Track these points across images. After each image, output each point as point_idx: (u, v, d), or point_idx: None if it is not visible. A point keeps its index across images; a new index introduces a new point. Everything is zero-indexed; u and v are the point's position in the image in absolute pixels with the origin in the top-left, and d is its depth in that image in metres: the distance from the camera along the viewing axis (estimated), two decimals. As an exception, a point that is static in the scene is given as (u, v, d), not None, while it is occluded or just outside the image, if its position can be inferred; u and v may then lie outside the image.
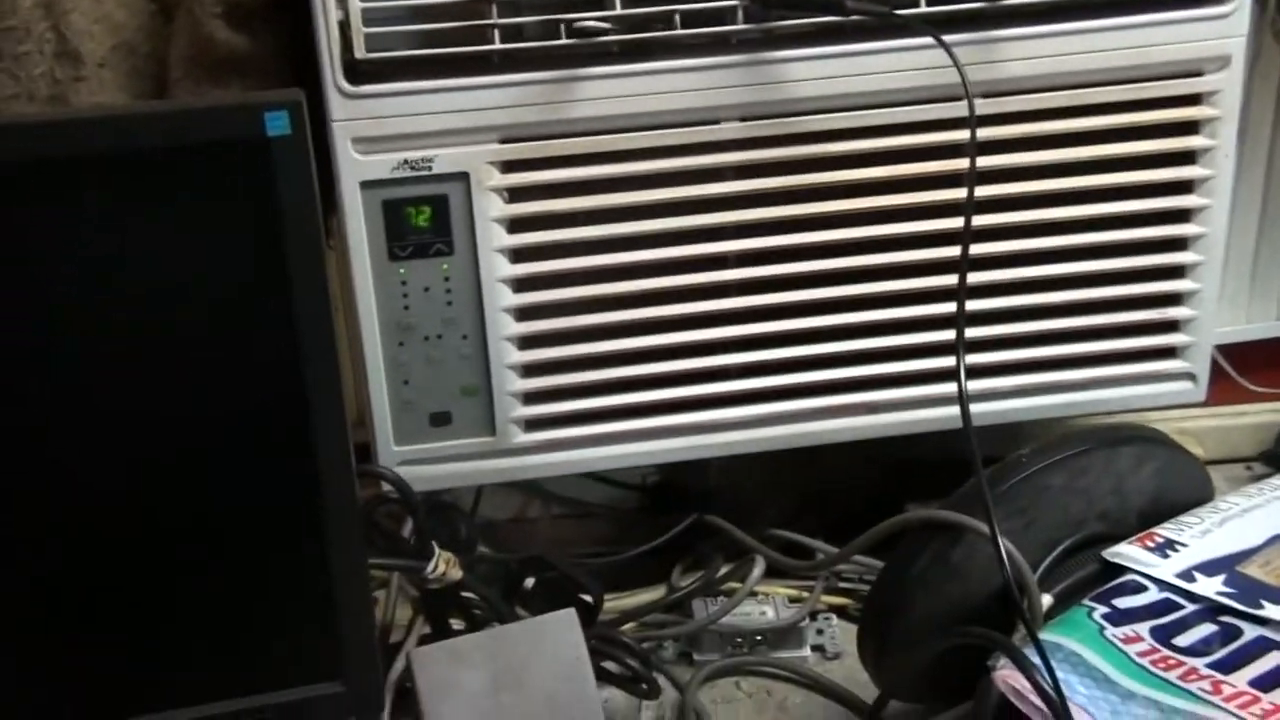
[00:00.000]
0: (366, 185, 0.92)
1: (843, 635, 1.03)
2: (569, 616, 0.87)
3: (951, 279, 0.96)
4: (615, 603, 1.05)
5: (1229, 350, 1.20)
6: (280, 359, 0.78)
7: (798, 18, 0.92)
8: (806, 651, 1.02)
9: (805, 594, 1.06)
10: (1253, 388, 1.20)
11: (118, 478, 0.78)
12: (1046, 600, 0.85)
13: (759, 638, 1.02)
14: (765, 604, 1.05)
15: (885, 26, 0.92)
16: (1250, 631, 0.79)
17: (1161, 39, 0.94)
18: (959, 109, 0.91)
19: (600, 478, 1.17)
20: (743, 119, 0.94)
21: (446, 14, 0.90)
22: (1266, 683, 0.74)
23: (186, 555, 0.80)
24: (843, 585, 1.09)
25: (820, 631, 1.04)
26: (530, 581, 0.99)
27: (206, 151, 0.74)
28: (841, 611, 1.06)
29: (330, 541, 0.81)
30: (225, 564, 0.81)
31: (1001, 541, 0.81)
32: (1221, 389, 1.20)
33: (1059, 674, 0.75)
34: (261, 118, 0.73)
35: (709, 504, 1.13)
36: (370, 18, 0.88)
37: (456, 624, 0.97)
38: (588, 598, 0.98)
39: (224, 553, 0.80)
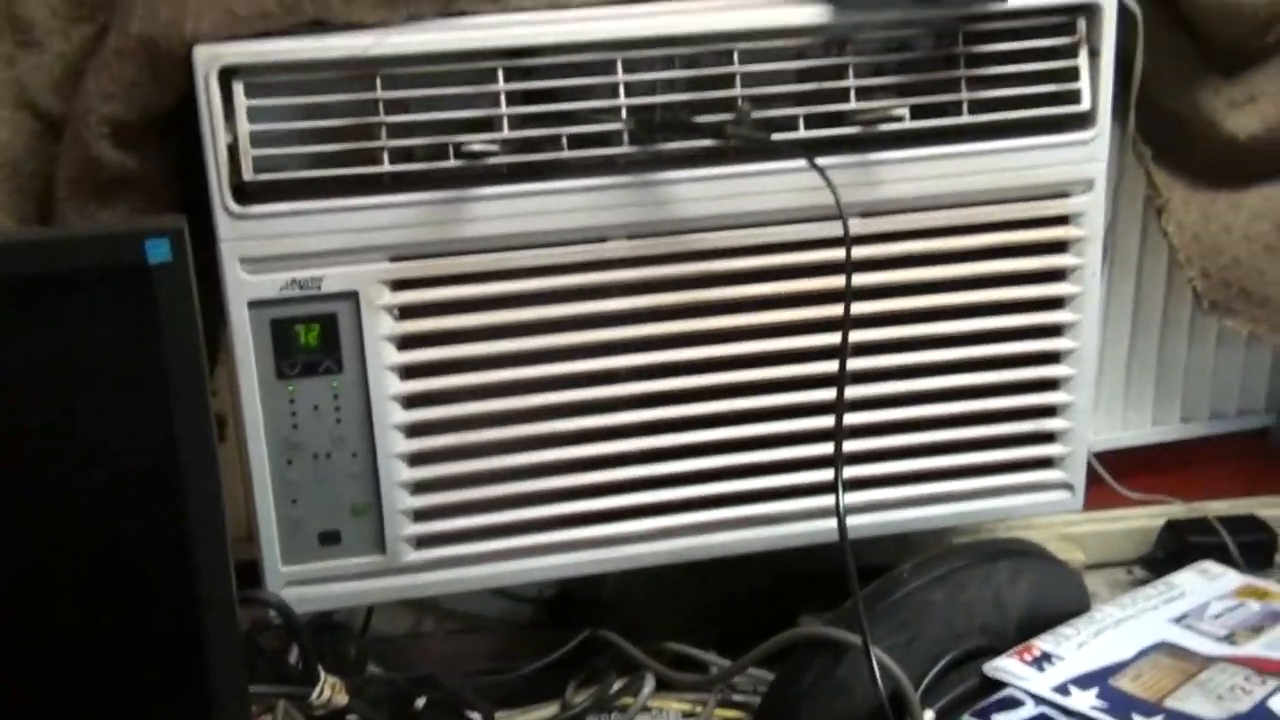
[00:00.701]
0: (254, 304, 0.92)
1: (734, 749, 1.03)
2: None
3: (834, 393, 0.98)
4: (508, 721, 1.04)
5: (1106, 457, 1.23)
6: (161, 485, 0.78)
7: (680, 141, 0.94)
8: (699, 765, 1.02)
9: (699, 708, 1.06)
10: (1129, 494, 1.24)
11: (-10, 604, 0.76)
12: (929, 715, 0.86)
13: (652, 753, 1.02)
14: (659, 719, 1.04)
15: (765, 150, 0.94)
16: (1123, 744, 0.81)
17: (1029, 163, 0.99)
18: (838, 228, 0.93)
19: (496, 591, 1.17)
20: (630, 237, 0.96)
21: (336, 136, 0.91)
22: (1139, 795, 0.76)
23: (61, 683, 0.78)
24: (736, 699, 1.08)
25: (713, 745, 1.04)
26: (421, 702, 0.98)
27: (88, 278, 0.74)
28: (733, 724, 1.06)
29: (211, 668, 0.80)
30: (103, 693, 0.79)
31: (880, 658, 0.82)
32: (1100, 495, 1.23)
33: (940, 788, 0.76)
34: (143, 245, 0.73)
35: (605, 618, 1.13)
36: (259, 140, 0.89)
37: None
38: (478, 717, 0.97)
39: (102, 680, 0.79)
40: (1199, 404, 1.29)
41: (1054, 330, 1.04)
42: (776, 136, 0.94)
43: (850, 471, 1.02)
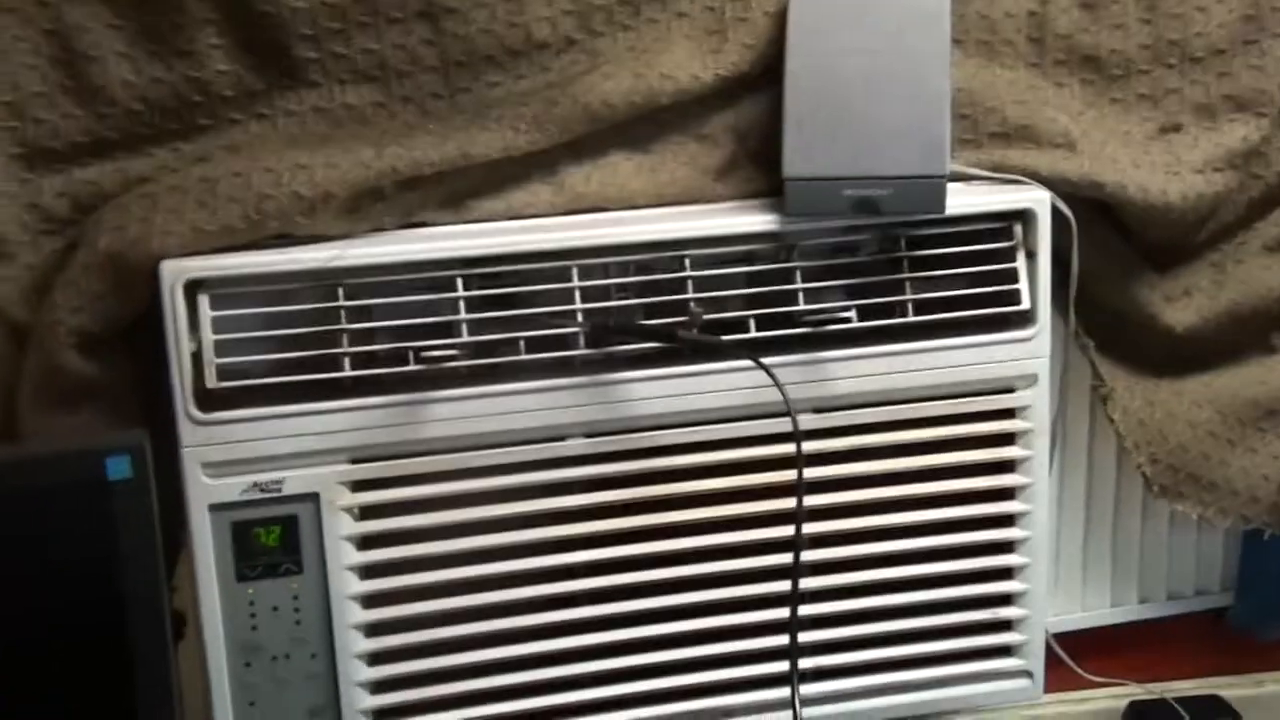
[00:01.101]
0: (216, 508, 0.93)
1: None
2: None
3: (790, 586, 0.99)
4: None
5: (1066, 639, 1.24)
6: (116, 692, 0.78)
7: (634, 343, 0.97)
8: None
9: None
10: (1089, 676, 1.24)
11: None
12: None
13: None
14: None
15: (715, 351, 0.97)
16: None
17: (973, 359, 1.02)
18: (788, 424, 0.96)
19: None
20: (587, 435, 0.98)
21: (299, 343, 0.93)
22: None
23: None
24: None
25: None
26: None
27: (49, 495, 0.76)
28: None
29: None
30: None
31: None
32: (1062, 676, 1.23)
33: None
34: (103, 462, 0.75)
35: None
36: (223, 348, 0.91)
37: None
38: None
39: None
40: (1156, 585, 1.30)
41: (1006, 520, 1.06)
42: (726, 338, 0.97)
43: (807, 663, 1.03)
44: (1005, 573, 1.07)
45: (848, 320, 0.99)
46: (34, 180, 0.95)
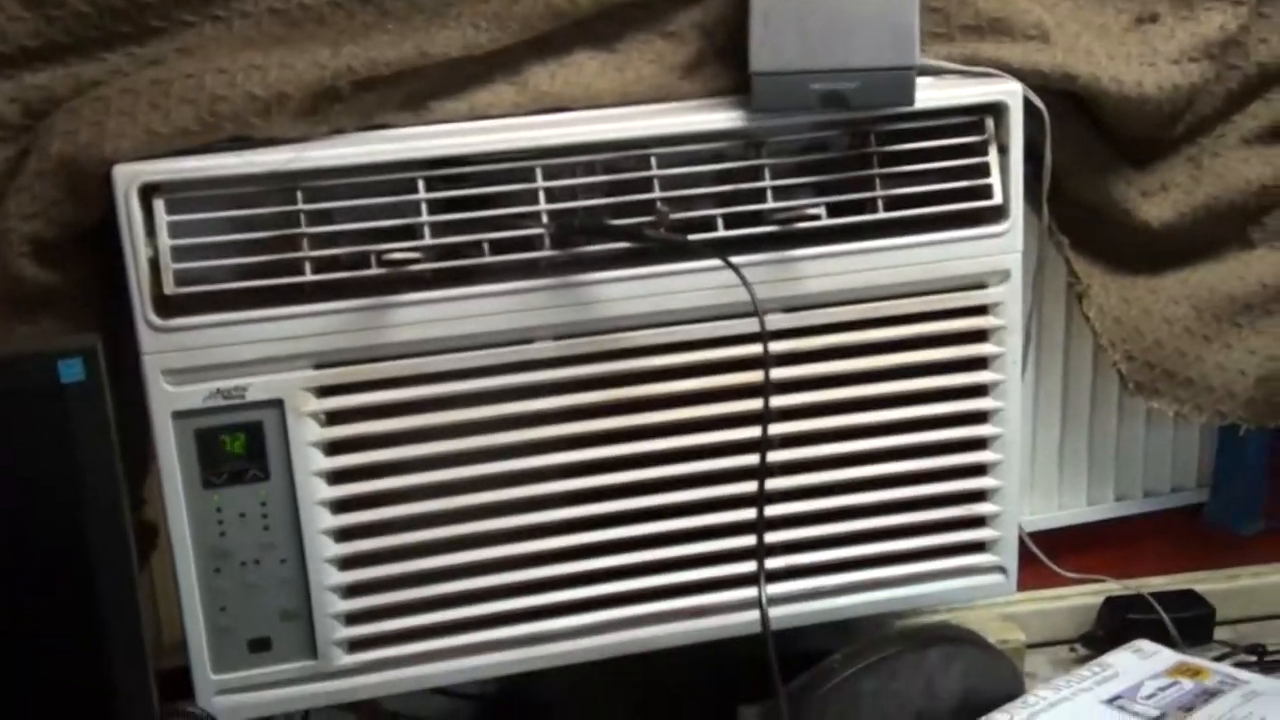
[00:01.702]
0: (179, 415, 0.92)
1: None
2: None
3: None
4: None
5: (1043, 537, 1.24)
6: (78, 603, 0.78)
7: (600, 244, 0.96)
8: None
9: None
10: (1066, 573, 1.25)
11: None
12: (861, 809, 0.86)
13: None
14: (598, 817, 1.04)
15: (683, 250, 0.96)
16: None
17: (945, 256, 1.01)
18: (757, 324, 0.95)
19: (436, 691, 1.16)
20: (555, 338, 0.97)
21: (258, 248, 0.92)
22: None
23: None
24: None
25: (655, 842, 1.03)
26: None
27: (3, 397, 0.75)
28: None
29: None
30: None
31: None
32: (1038, 574, 1.24)
33: None
34: (55, 365, 0.74)
35: (548, 712, 1.13)
36: (180, 254, 0.90)
37: None
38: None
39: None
40: (1132, 482, 1.30)
41: (978, 417, 1.05)
42: (694, 237, 0.96)
43: (779, 561, 1.03)
44: (978, 470, 1.06)
45: (817, 218, 0.98)
46: (-15, 85, 0.93)
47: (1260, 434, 1.27)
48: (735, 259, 0.94)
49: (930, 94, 0.98)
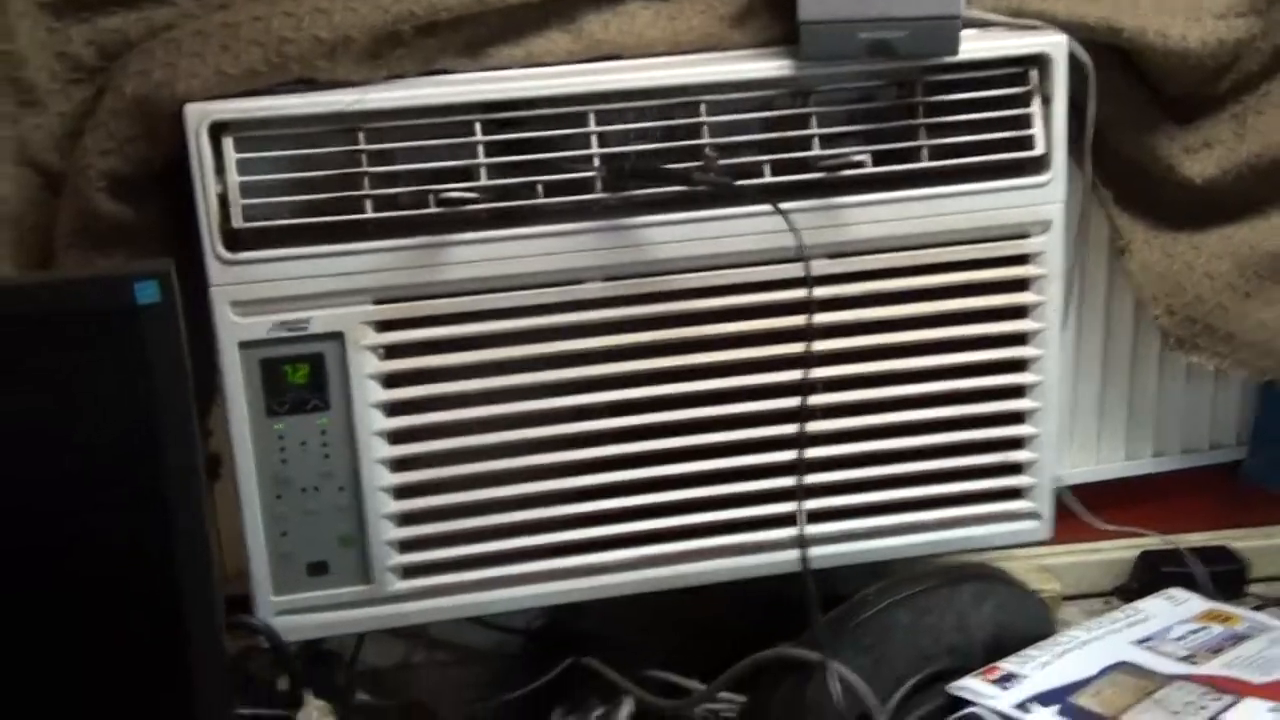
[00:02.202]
0: (245, 345, 0.96)
1: (715, 775, 1.06)
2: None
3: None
4: (495, 748, 1.07)
5: (1081, 490, 1.27)
6: (149, 515, 0.82)
7: (652, 188, 0.99)
8: (682, 791, 1.05)
9: (681, 735, 1.09)
10: (1104, 525, 1.27)
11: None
12: (895, 733, 0.89)
13: (634, 777, 1.05)
14: (641, 745, 1.08)
15: (733, 196, 0.99)
16: (1077, 757, 0.84)
17: (988, 205, 1.03)
18: (803, 269, 0.98)
19: (484, 622, 1.20)
20: (605, 279, 1.01)
21: (321, 186, 0.96)
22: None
23: (50, 705, 0.82)
24: (719, 724, 1.11)
25: (694, 771, 1.07)
26: (408, 728, 1.02)
27: (81, 319, 0.79)
28: (715, 751, 1.09)
29: (197, 693, 0.84)
30: (92, 714, 0.83)
31: (845, 676, 0.86)
32: (1076, 527, 1.26)
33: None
34: (131, 287, 0.78)
35: (591, 646, 1.16)
36: (248, 190, 0.94)
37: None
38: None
39: (90, 702, 0.82)
40: (1171, 438, 1.31)
41: (1018, 365, 1.08)
42: (742, 182, 0.99)
43: (820, 503, 1.05)
44: (1016, 417, 1.09)
45: (862, 165, 1.00)
46: (61, 29, 0.97)
47: (1300, 393, 1.29)
48: (782, 205, 0.97)
49: (975, 45, 1.00)
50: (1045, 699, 0.91)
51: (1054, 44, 1.02)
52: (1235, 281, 1.17)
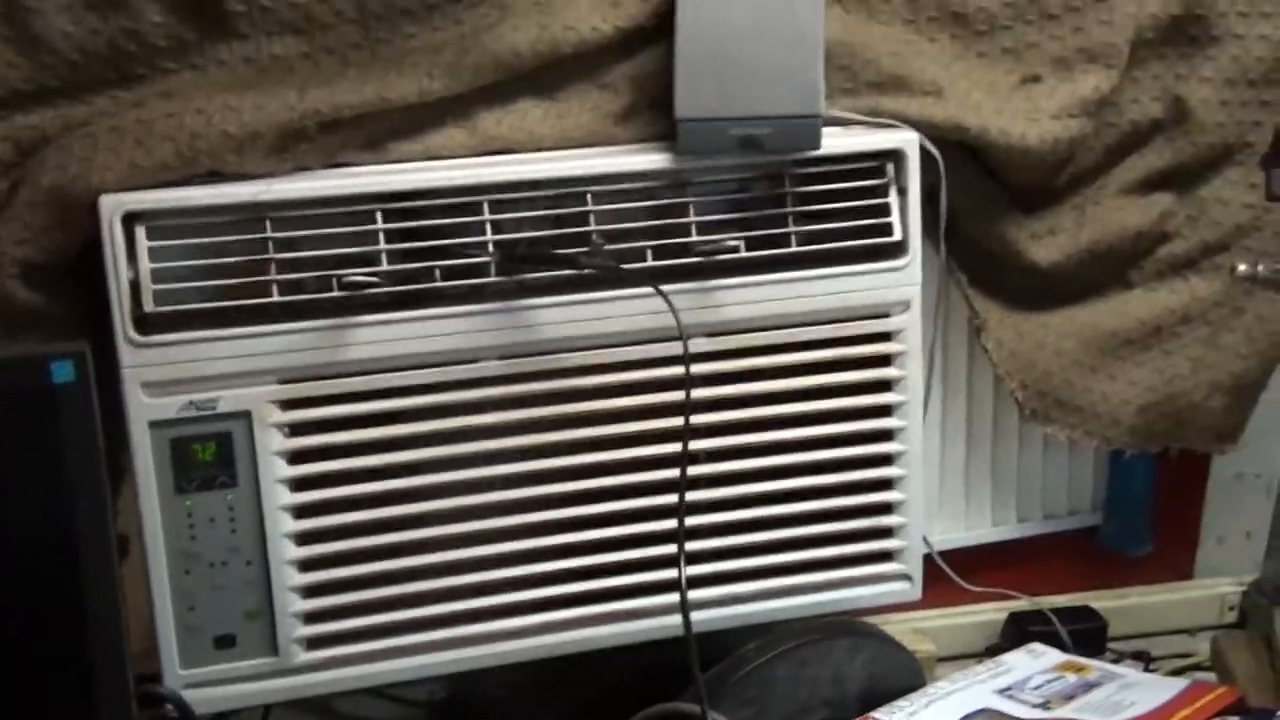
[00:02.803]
0: (155, 425, 1.01)
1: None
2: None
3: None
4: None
5: (951, 555, 1.35)
6: (62, 589, 0.85)
7: (541, 271, 1.06)
8: None
9: (576, 798, 1.13)
10: (973, 588, 1.35)
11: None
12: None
13: (532, 841, 1.08)
14: (538, 809, 1.12)
15: (617, 279, 1.06)
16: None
17: (851, 287, 1.12)
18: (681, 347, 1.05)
19: (387, 695, 1.24)
20: (500, 358, 1.07)
21: (230, 271, 1.01)
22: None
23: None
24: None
25: (590, 833, 1.11)
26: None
27: (-3, 397, 0.82)
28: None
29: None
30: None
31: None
32: (947, 591, 1.34)
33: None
34: (48, 366, 0.82)
35: (490, 717, 1.20)
36: (159, 276, 0.99)
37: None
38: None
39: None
40: (1033, 505, 1.41)
41: (884, 435, 1.16)
42: (626, 266, 1.06)
43: (699, 569, 1.12)
44: (885, 484, 1.17)
45: (736, 250, 1.09)
46: (-22, 125, 1.02)
47: (1146, 463, 1.39)
48: (663, 287, 1.05)
49: (837, 141, 1.10)
50: (912, 745, 0.97)
51: (906, 140, 1.12)
52: (1080, 358, 1.28)
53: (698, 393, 1.08)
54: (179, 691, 1.02)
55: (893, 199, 1.12)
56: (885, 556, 1.18)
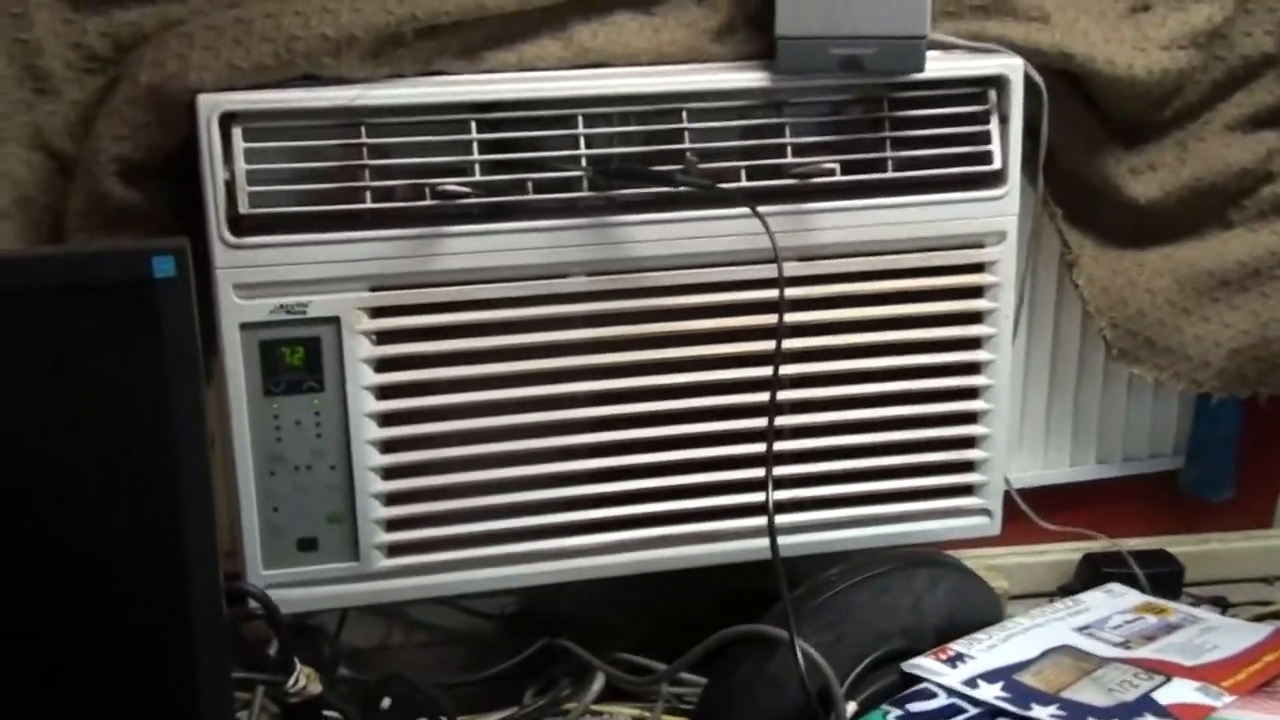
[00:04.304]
0: (245, 327, 1.01)
1: (681, 752, 1.11)
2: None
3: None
4: (469, 723, 1.12)
5: (1028, 494, 1.33)
6: (157, 480, 0.86)
7: (634, 188, 1.05)
8: (647, 767, 1.10)
9: (648, 714, 1.14)
10: (1049, 527, 1.33)
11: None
12: (851, 707, 0.95)
13: (602, 753, 1.09)
14: (609, 723, 1.13)
15: (710, 198, 1.05)
16: (1020, 729, 0.90)
17: (946, 215, 1.10)
18: (775, 270, 1.04)
19: (461, 607, 1.25)
20: (588, 274, 1.06)
21: (323, 176, 1.01)
22: (1030, 771, 0.85)
23: (56, 665, 0.86)
24: (684, 706, 1.16)
25: (661, 749, 1.12)
26: (388, 701, 1.06)
27: (99, 291, 0.83)
28: (681, 729, 1.14)
29: (197, 653, 0.87)
30: (95, 672, 0.86)
31: (806, 652, 0.92)
32: (1023, 529, 1.33)
33: (855, 765, 0.85)
34: (150, 261, 0.82)
35: (563, 630, 1.21)
36: (254, 178, 0.99)
37: (316, 742, 1.03)
38: (442, 717, 1.04)
39: (94, 662, 0.86)
40: (1113, 446, 1.39)
41: (972, 368, 1.14)
42: (722, 185, 1.05)
43: (783, 494, 1.11)
44: (970, 417, 1.15)
45: (832, 173, 1.07)
46: (78, 21, 1.02)
47: (1233, 407, 1.36)
48: (758, 209, 1.03)
49: (939, 65, 1.08)
50: (991, 677, 0.96)
51: (1011, 66, 1.09)
52: (1174, 298, 1.25)
53: (788, 317, 1.06)
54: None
55: (994, 127, 1.10)
56: (966, 490, 1.17)
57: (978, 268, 1.12)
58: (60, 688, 0.87)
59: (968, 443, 1.16)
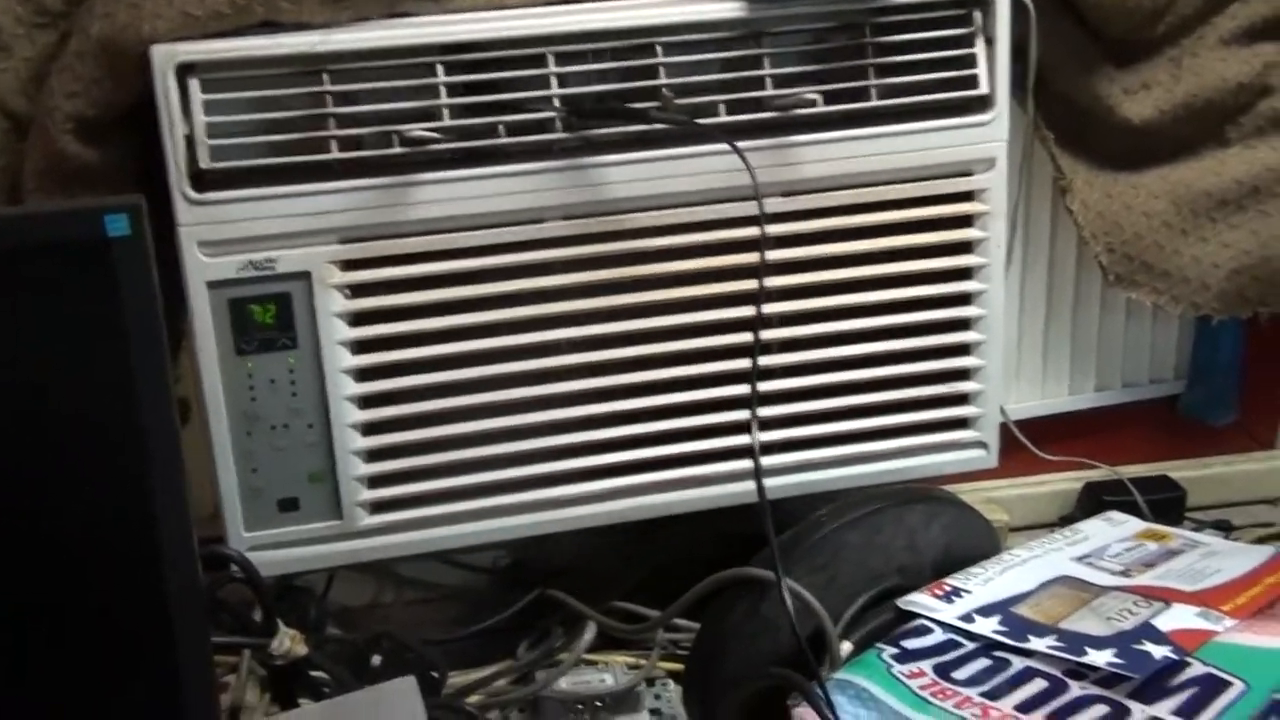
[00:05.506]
0: (213, 285, 0.98)
1: (678, 699, 1.09)
2: (408, 684, 0.92)
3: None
4: (462, 677, 1.10)
5: (1027, 424, 1.31)
6: (124, 447, 0.83)
7: (610, 127, 1.01)
8: (644, 715, 1.08)
9: (643, 661, 1.13)
10: (1048, 458, 1.31)
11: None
12: (846, 646, 0.93)
13: (599, 703, 1.08)
14: (605, 671, 1.11)
15: (688, 134, 1.02)
16: (1018, 663, 0.88)
17: (934, 143, 1.07)
18: (756, 207, 1.01)
19: (451, 561, 1.23)
20: (565, 218, 1.03)
21: (287, 126, 0.98)
22: (1029, 707, 0.84)
23: (28, 636, 0.84)
24: (679, 652, 1.15)
25: (658, 696, 1.10)
26: (377, 659, 1.04)
27: (50, 253, 0.80)
28: (677, 676, 1.13)
29: (175, 620, 0.85)
30: (70, 641, 0.85)
31: (798, 593, 0.90)
32: (1022, 461, 1.31)
33: (848, 708, 0.83)
34: (102, 220, 0.79)
35: (555, 582, 1.19)
36: (215, 131, 0.96)
37: (306, 703, 1.01)
38: (434, 673, 1.03)
39: (68, 630, 0.84)
40: (1112, 373, 1.36)
41: (964, 299, 1.12)
42: (700, 121, 1.01)
43: (773, 435, 1.09)
44: (962, 349, 1.12)
45: (814, 104, 1.03)
46: (25, -27, 0.98)
47: (1234, 329, 1.34)
48: (738, 143, 1.00)
49: (921, -14, 1.04)
50: (987, 610, 0.95)
51: (996, -15, 1.05)
52: (1171, 219, 1.22)
53: (771, 255, 1.04)
54: (244, 553, 1.01)
55: (979, 49, 1.06)
56: (962, 424, 1.15)
57: (967, 196, 1.09)
58: (33, 660, 0.85)
59: (961, 375, 1.13)
